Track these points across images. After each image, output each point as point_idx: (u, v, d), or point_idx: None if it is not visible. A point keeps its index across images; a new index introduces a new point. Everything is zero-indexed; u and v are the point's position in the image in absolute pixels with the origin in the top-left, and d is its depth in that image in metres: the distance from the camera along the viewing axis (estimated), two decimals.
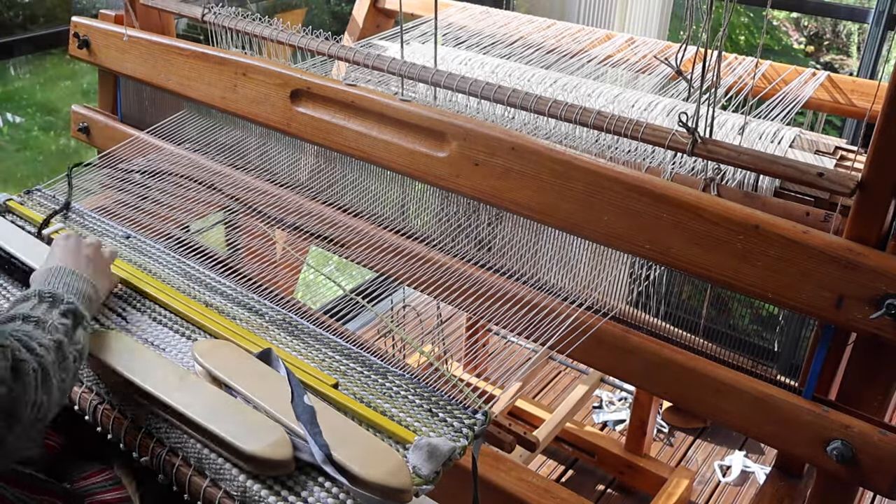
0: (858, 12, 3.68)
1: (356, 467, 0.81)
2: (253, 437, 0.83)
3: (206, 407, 0.87)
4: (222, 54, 1.48)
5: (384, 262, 1.27)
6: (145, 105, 1.70)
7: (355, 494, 0.80)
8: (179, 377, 0.92)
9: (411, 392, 0.97)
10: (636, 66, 1.57)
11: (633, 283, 1.20)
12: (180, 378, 0.92)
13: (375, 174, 1.41)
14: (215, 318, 1.07)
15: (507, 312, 1.16)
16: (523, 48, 1.66)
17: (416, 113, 1.24)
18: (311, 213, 1.37)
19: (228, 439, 0.82)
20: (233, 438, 0.82)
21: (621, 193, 1.07)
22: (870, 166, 0.93)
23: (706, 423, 2.47)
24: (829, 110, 1.48)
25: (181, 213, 1.36)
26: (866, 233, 0.96)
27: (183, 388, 0.90)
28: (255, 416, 0.87)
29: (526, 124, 1.36)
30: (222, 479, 0.84)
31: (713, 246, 1.02)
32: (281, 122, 1.41)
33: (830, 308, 0.96)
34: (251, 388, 0.91)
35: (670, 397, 1.18)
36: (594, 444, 2.21)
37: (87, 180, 1.47)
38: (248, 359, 0.98)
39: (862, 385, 1.04)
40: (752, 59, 1.50)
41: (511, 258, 1.27)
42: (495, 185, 1.18)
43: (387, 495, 0.80)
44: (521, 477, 1.45)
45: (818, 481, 1.14)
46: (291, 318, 1.10)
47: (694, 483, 2.14)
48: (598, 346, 1.16)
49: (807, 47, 5.53)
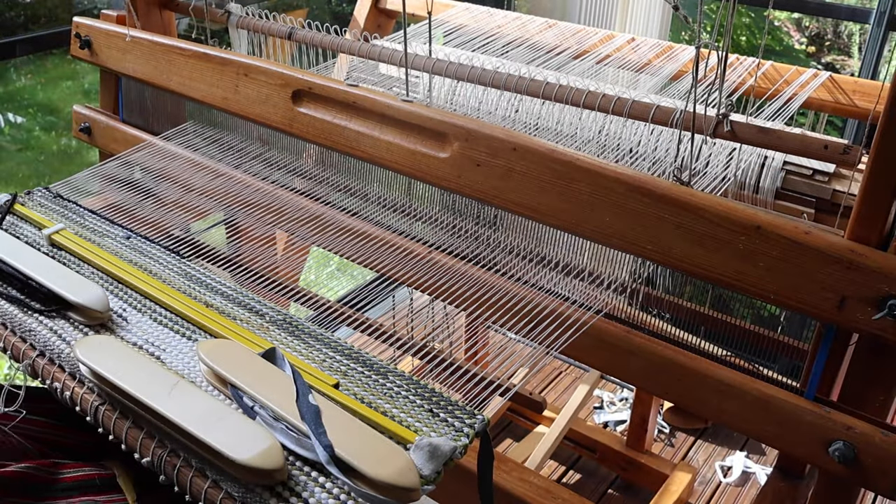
0: (860, 13, 3.68)
1: (365, 467, 0.80)
2: (243, 446, 0.81)
3: (196, 415, 0.85)
4: (224, 55, 1.48)
5: (384, 262, 1.27)
6: (147, 105, 1.70)
7: (362, 494, 0.79)
8: (172, 384, 0.91)
9: (412, 392, 0.97)
10: (637, 66, 1.57)
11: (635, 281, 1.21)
12: (173, 385, 0.90)
13: (376, 174, 1.41)
14: (216, 318, 1.08)
15: (507, 312, 1.16)
16: (524, 48, 1.66)
17: (417, 113, 1.25)
18: (311, 213, 1.37)
19: (217, 447, 0.81)
20: (222, 447, 0.81)
21: (623, 194, 1.07)
22: (872, 167, 0.93)
23: (707, 423, 2.47)
24: (831, 111, 1.48)
25: (182, 213, 1.36)
26: (868, 233, 0.96)
27: (175, 395, 0.89)
28: (248, 425, 0.86)
29: (527, 125, 1.36)
30: (223, 479, 0.84)
31: (715, 247, 1.01)
32: (282, 122, 1.41)
33: (832, 309, 0.96)
34: (256, 387, 0.91)
35: (671, 398, 1.18)
36: (595, 441, 2.21)
37: (88, 180, 1.47)
38: (252, 357, 0.97)
39: (864, 386, 1.04)
40: (753, 59, 1.50)
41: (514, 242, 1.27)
42: (497, 186, 1.18)
43: (396, 495, 0.79)
44: (523, 477, 1.45)
45: (819, 482, 1.14)
46: (292, 318, 1.10)
47: (695, 483, 2.14)
48: (599, 347, 1.16)
49: (808, 48, 5.53)
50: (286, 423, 0.87)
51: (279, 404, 0.88)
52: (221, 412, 0.88)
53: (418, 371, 1.02)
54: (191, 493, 0.87)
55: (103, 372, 0.91)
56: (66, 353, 1.01)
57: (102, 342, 0.99)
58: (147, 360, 0.98)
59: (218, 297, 1.14)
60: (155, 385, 0.90)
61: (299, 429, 0.85)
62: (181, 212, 1.38)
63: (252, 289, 1.19)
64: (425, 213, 1.37)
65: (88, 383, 0.98)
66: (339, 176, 1.45)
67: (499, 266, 1.26)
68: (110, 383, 0.91)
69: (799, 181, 1.31)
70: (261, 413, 0.89)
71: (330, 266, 2.19)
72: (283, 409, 0.87)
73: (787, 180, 1.32)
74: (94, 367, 0.92)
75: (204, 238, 1.32)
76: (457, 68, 1.34)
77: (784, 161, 1.32)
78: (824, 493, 1.13)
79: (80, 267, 1.20)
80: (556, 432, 2.03)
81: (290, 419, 0.86)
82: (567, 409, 2.09)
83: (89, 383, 0.98)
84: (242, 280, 1.22)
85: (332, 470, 0.81)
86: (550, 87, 1.24)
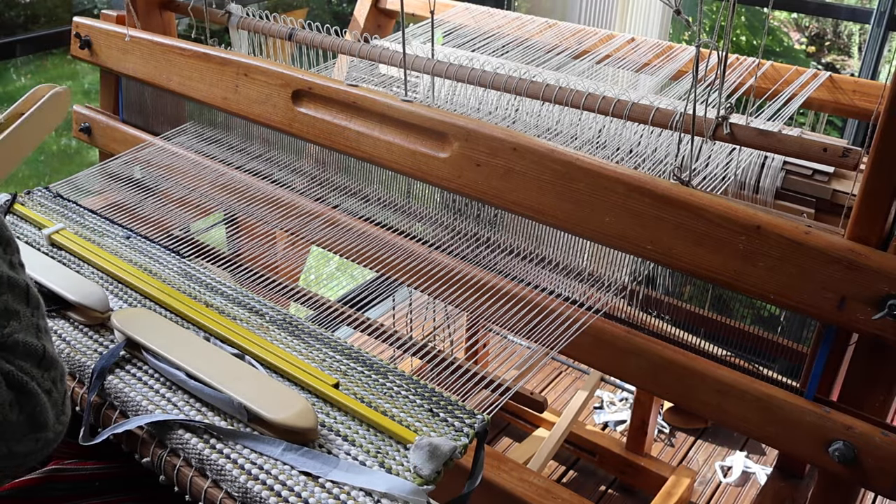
0: (860, 13, 3.69)
1: (266, 413, 0.89)
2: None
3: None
4: (224, 55, 1.48)
5: (384, 262, 1.27)
6: (147, 105, 1.70)
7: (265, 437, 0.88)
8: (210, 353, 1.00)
9: (412, 392, 0.97)
10: (636, 66, 1.57)
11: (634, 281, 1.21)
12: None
13: (376, 174, 1.41)
14: (216, 317, 1.08)
15: (507, 312, 1.16)
16: (524, 49, 1.66)
17: (417, 113, 1.25)
18: (311, 212, 1.37)
19: (255, 409, 0.89)
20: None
21: (623, 194, 1.07)
22: (871, 167, 0.93)
23: (707, 423, 2.47)
24: (831, 111, 1.48)
25: (182, 213, 1.36)
26: (868, 233, 0.96)
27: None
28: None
29: (527, 125, 1.36)
30: (223, 479, 0.85)
31: (715, 247, 1.01)
32: (283, 122, 1.41)
33: (832, 309, 0.96)
34: (171, 350, 0.97)
35: (672, 398, 1.18)
36: (595, 444, 2.21)
37: (88, 180, 1.47)
38: (165, 323, 1.05)
39: (864, 386, 1.04)
40: (753, 59, 1.50)
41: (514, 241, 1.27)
42: (497, 186, 1.18)
43: (293, 435, 0.88)
44: (523, 477, 1.45)
45: (820, 482, 1.14)
46: (292, 318, 1.10)
47: (695, 483, 2.14)
48: (599, 347, 1.16)
49: (808, 48, 5.53)
50: (200, 381, 0.94)
51: (194, 365, 0.95)
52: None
53: (418, 371, 1.02)
54: (191, 494, 0.87)
55: (140, 339, 0.99)
56: (67, 353, 1.01)
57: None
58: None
59: (218, 297, 1.14)
60: None
61: (212, 386, 0.92)
62: (181, 211, 1.38)
63: (252, 288, 1.19)
64: (425, 212, 1.37)
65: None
66: (339, 176, 1.45)
67: (499, 266, 1.26)
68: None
69: (799, 181, 1.31)
70: (176, 373, 0.95)
71: (330, 266, 2.19)
72: (197, 370, 0.95)
73: (787, 180, 1.32)
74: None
75: (204, 238, 1.32)
76: (457, 69, 1.34)
77: (784, 161, 1.32)
78: (824, 492, 1.13)
79: (80, 267, 1.20)
80: (555, 437, 2.03)
81: (204, 378, 0.93)
82: (567, 413, 2.09)
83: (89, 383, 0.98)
84: (242, 280, 1.22)
85: (242, 419, 0.91)
86: (550, 89, 1.25)
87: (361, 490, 0.82)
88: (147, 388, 0.96)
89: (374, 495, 0.82)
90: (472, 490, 0.89)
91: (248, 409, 0.90)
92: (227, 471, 0.84)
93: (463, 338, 2.16)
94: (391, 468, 0.85)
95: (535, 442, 2.20)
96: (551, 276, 1.25)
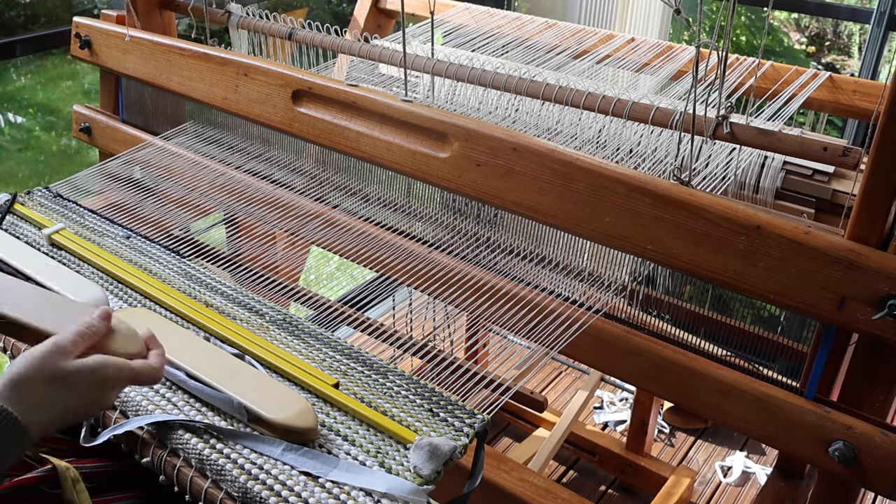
0: (860, 13, 3.69)
1: (266, 413, 0.89)
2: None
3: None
4: (224, 55, 1.48)
5: (384, 262, 1.27)
6: (147, 105, 1.70)
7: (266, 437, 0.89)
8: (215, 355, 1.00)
9: (412, 392, 0.97)
10: (636, 66, 1.57)
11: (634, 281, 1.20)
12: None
13: (376, 174, 1.41)
14: (216, 317, 1.08)
15: (506, 312, 1.16)
16: (523, 48, 1.66)
17: (417, 113, 1.25)
18: (311, 212, 1.37)
19: (254, 409, 0.89)
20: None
21: (623, 194, 1.07)
22: (871, 167, 0.93)
23: (707, 423, 2.47)
24: (831, 111, 1.48)
25: (182, 213, 1.36)
26: (868, 233, 0.96)
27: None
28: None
29: (527, 125, 1.36)
30: (223, 479, 0.85)
31: (715, 247, 1.01)
32: (283, 122, 1.41)
33: (832, 309, 0.96)
34: (173, 351, 0.96)
35: (672, 398, 1.18)
36: (595, 444, 2.21)
37: (88, 180, 1.47)
38: (165, 323, 1.05)
39: (864, 386, 1.04)
40: (753, 59, 1.50)
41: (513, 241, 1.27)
42: (497, 186, 1.18)
43: (293, 435, 0.88)
44: (523, 477, 1.45)
45: (820, 482, 1.14)
46: (291, 318, 1.10)
47: (695, 483, 2.14)
48: (599, 347, 1.16)
49: (808, 48, 5.53)
50: (200, 381, 0.94)
51: (194, 365, 0.95)
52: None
53: (418, 371, 1.02)
54: (191, 494, 0.87)
55: None
56: None
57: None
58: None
59: (218, 297, 1.14)
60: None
61: (212, 386, 0.93)
62: (181, 211, 1.38)
63: (252, 288, 1.19)
64: (425, 212, 1.37)
65: None
66: (338, 176, 1.45)
67: (499, 266, 1.26)
68: None
69: (799, 181, 1.31)
70: (176, 373, 0.95)
71: (330, 266, 2.20)
72: (197, 370, 0.95)
73: (788, 180, 1.32)
74: None
75: (204, 238, 1.32)
76: (457, 69, 1.34)
77: (784, 161, 1.32)
78: (824, 492, 1.13)
79: (80, 267, 1.20)
80: (555, 437, 2.03)
81: (204, 378, 0.94)
82: (567, 413, 2.09)
83: None
84: (242, 280, 1.22)
85: (243, 419, 0.91)
86: (550, 89, 1.25)
87: (361, 490, 0.83)
88: (147, 388, 0.96)
89: (374, 495, 0.82)
90: (472, 490, 0.89)
91: (248, 409, 0.90)
92: (227, 471, 0.84)
93: (463, 338, 2.16)
94: (391, 468, 0.85)
95: (535, 442, 2.20)
96: (551, 276, 1.25)
